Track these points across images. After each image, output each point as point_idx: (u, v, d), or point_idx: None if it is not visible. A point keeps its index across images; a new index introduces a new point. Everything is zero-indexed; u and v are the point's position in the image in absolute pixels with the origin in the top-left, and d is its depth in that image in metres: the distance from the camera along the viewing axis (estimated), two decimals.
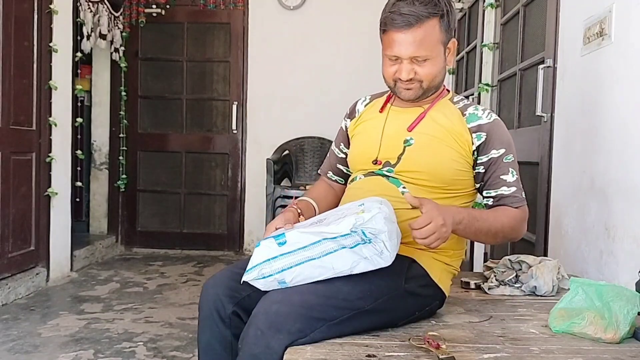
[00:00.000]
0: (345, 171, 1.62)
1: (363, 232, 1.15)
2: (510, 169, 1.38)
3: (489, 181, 1.40)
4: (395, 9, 1.31)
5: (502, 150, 1.38)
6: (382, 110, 1.50)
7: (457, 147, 1.38)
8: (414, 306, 1.31)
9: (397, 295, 1.27)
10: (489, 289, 1.62)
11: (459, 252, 1.45)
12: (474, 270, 3.15)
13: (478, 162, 1.39)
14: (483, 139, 1.38)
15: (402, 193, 1.36)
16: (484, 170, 1.40)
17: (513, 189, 1.38)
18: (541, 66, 2.27)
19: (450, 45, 1.40)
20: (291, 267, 1.18)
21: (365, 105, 1.57)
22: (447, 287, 1.40)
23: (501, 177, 1.38)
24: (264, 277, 1.20)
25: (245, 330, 1.17)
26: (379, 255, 1.17)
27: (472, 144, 1.38)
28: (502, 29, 3.09)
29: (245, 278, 1.22)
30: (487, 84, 3.17)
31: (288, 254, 1.19)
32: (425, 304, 1.34)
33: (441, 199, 1.37)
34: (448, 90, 1.49)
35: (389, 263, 1.17)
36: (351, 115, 1.58)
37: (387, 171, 1.41)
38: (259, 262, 1.20)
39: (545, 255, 2.19)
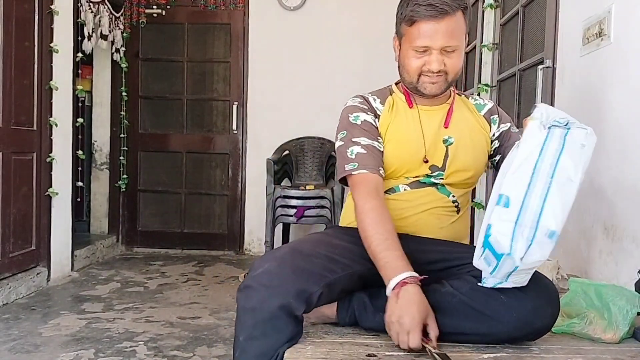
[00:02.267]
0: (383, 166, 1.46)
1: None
2: (519, 136, 1.44)
3: (504, 150, 1.44)
4: (423, 1, 1.27)
5: (509, 124, 1.49)
6: (410, 106, 1.44)
7: (484, 133, 1.46)
8: None
9: None
10: None
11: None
12: None
13: (492, 138, 1.47)
14: (497, 120, 1.48)
15: (452, 202, 1.42)
16: (498, 144, 1.46)
17: None
18: (540, 67, 2.28)
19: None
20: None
21: (380, 104, 1.45)
22: None
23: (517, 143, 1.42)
24: (530, 244, 1.15)
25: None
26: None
27: (490, 129, 1.47)
28: (502, 30, 3.09)
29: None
30: (486, 84, 3.17)
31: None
32: None
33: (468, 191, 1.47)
34: None
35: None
36: (372, 111, 1.43)
37: (437, 176, 1.40)
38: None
39: None
